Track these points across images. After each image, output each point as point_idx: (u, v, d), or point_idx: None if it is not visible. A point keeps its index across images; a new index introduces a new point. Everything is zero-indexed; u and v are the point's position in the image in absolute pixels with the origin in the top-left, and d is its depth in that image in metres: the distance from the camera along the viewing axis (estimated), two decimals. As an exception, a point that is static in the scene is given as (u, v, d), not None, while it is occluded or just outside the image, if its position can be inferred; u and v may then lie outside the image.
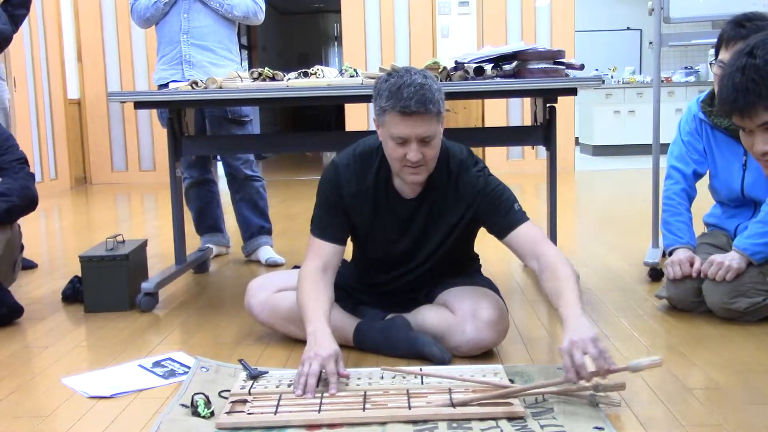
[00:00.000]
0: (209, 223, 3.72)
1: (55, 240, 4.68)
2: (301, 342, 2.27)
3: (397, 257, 2.22)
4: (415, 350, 2.09)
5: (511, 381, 1.87)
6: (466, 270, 2.34)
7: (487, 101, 7.51)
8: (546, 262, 1.96)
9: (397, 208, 2.14)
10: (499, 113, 7.63)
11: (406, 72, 1.96)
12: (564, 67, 2.77)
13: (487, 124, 7.55)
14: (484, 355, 2.14)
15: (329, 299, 2.04)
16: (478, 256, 2.42)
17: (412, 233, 2.17)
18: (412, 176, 2.02)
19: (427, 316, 2.18)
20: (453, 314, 2.13)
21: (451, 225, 2.15)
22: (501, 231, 2.07)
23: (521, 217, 2.07)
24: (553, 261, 1.95)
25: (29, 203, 2.67)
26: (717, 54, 2.45)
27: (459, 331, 2.10)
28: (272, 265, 3.48)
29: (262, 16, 3.55)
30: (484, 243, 2.41)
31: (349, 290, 2.30)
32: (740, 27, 2.36)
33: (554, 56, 2.76)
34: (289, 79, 2.77)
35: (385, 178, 2.12)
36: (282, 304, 2.24)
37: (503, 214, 2.07)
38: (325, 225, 2.14)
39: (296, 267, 2.37)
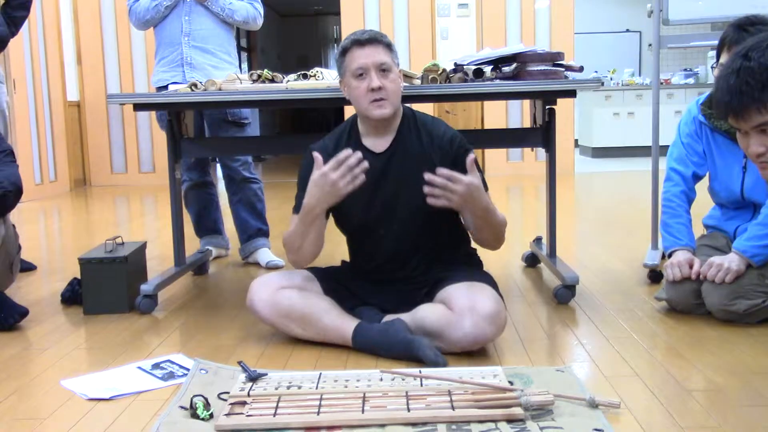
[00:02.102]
0: (208, 225, 3.72)
1: (54, 242, 4.68)
2: (301, 344, 2.28)
3: (376, 218, 2.27)
4: (410, 352, 2.09)
5: (510, 383, 1.86)
6: (464, 263, 2.37)
7: (487, 103, 7.52)
8: None
9: (370, 162, 2.17)
10: (498, 115, 7.63)
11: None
12: (563, 69, 2.77)
13: (487, 126, 7.56)
14: (483, 357, 2.14)
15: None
16: (475, 250, 2.43)
17: (388, 189, 2.25)
18: (378, 110, 2.18)
19: (426, 314, 2.18)
20: (451, 310, 2.13)
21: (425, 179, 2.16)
22: None
23: (485, 187, 2.18)
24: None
25: (17, 191, 2.68)
26: (718, 57, 2.44)
27: (458, 326, 2.10)
28: (273, 268, 3.47)
29: (260, 22, 3.57)
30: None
31: (347, 288, 2.32)
32: (743, 31, 2.35)
33: (553, 58, 2.76)
34: (289, 81, 2.77)
35: (355, 139, 2.29)
36: (284, 302, 2.24)
37: None
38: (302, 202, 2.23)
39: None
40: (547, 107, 2.93)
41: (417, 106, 2.43)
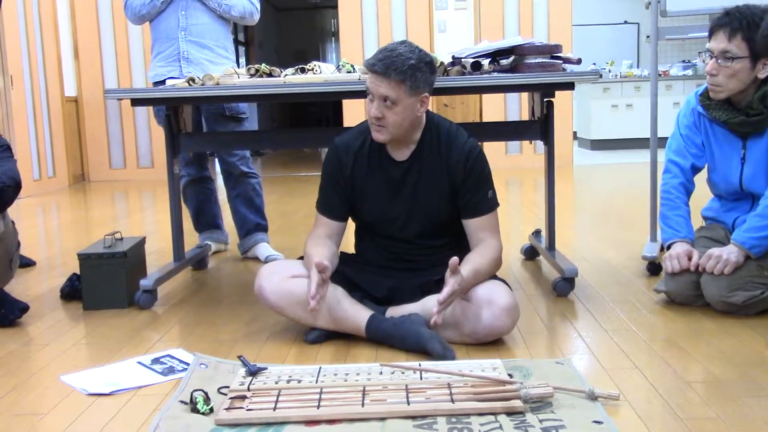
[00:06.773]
0: (207, 220, 3.72)
1: (53, 238, 4.68)
2: (300, 338, 2.28)
3: (391, 221, 2.32)
4: (421, 345, 2.09)
5: (510, 375, 1.87)
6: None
7: (485, 96, 7.51)
8: (484, 245, 2.26)
9: (390, 169, 2.31)
10: (496, 108, 7.63)
11: (400, 44, 2.23)
12: (561, 62, 2.76)
13: (485, 119, 7.55)
14: (483, 349, 2.14)
15: (332, 251, 2.27)
16: None
17: (404, 196, 2.31)
18: (374, 133, 2.23)
19: None
20: (467, 301, 2.16)
21: (441, 191, 2.27)
22: (468, 211, 2.30)
23: (491, 206, 2.30)
24: (489, 249, 2.25)
25: (16, 185, 2.67)
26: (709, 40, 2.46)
27: (474, 317, 2.13)
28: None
29: (257, 17, 3.56)
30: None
31: (351, 280, 2.32)
32: (725, 15, 2.38)
33: (551, 51, 2.76)
34: (286, 75, 2.76)
35: (379, 145, 2.30)
36: (296, 289, 2.23)
37: (478, 198, 2.29)
38: (327, 201, 2.36)
39: (302, 258, 2.39)
40: (545, 100, 2.93)
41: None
